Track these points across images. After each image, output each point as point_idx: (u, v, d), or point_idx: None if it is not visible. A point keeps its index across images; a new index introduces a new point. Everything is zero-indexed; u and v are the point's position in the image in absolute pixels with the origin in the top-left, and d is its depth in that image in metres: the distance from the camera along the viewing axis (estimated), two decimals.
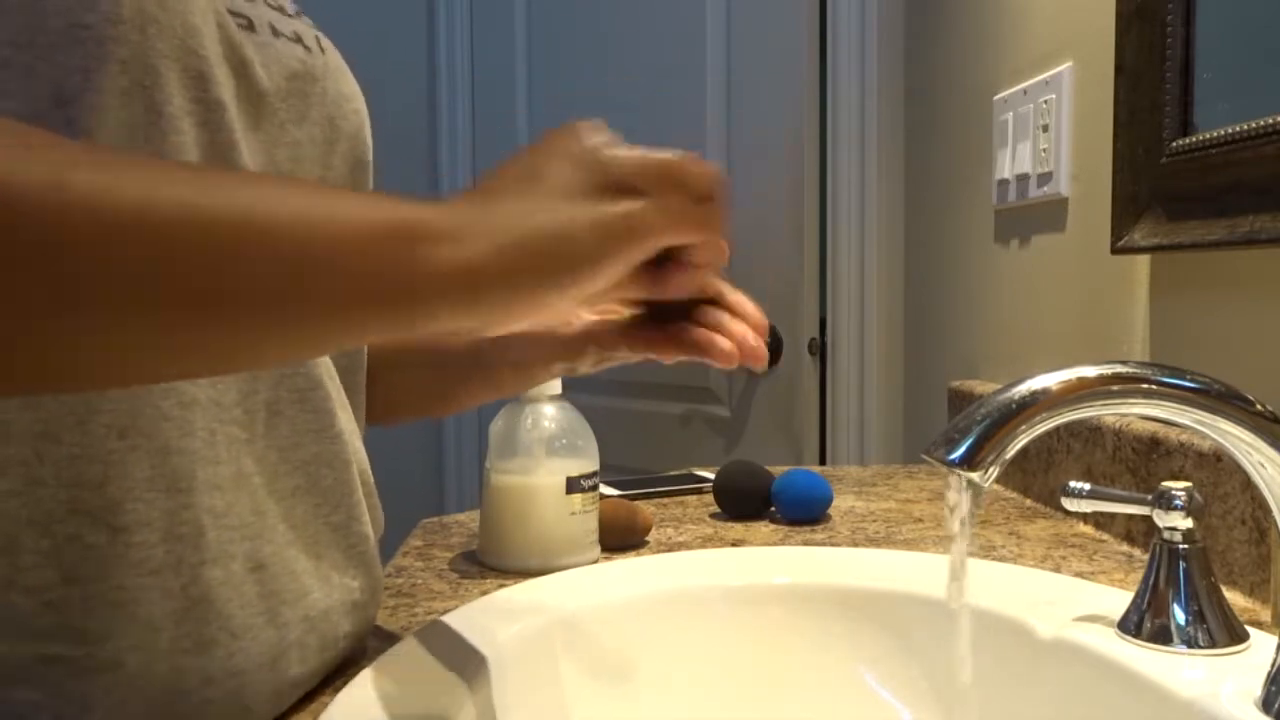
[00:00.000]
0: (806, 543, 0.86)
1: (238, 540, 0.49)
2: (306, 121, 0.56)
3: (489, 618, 0.63)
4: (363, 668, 0.56)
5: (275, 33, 0.54)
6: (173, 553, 0.46)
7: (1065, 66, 1.04)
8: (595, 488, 0.80)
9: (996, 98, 1.21)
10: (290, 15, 0.58)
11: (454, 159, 2.36)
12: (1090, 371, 0.46)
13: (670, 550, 0.84)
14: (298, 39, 0.57)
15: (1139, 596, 0.59)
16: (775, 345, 1.77)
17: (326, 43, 0.60)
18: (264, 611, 0.50)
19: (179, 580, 0.46)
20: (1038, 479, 1.01)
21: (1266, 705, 0.49)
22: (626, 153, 0.45)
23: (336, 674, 0.58)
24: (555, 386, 0.79)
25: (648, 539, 0.87)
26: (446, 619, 0.63)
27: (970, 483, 0.47)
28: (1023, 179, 1.13)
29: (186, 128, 0.47)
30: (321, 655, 0.55)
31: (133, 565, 0.45)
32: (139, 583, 0.45)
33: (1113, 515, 0.87)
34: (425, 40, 2.34)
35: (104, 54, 0.43)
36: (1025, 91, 1.13)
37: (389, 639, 0.62)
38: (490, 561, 0.80)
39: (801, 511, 0.93)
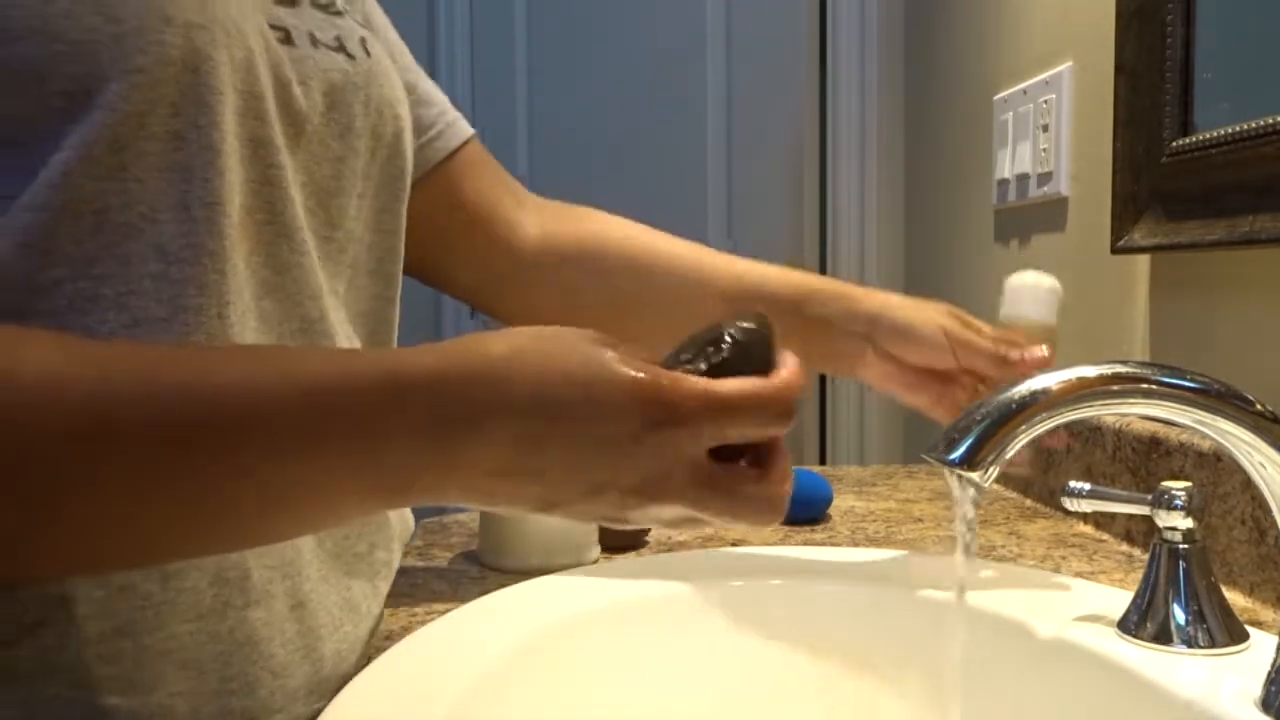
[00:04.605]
0: (806, 543, 0.86)
1: (279, 579, 0.49)
2: (350, 133, 0.54)
3: (489, 618, 0.63)
4: (362, 668, 0.56)
5: (315, 42, 0.52)
6: (220, 596, 0.46)
7: (1065, 66, 1.04)
8: None
9: (996, 98, 1.21)
10: (336, 12, 0.56)
11: None
12: (1090, 371, 0.46)
13: (670, 550, 0.84)
14: (339, 46, 0.54)
15: (1139, 596, 0.59)
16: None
17: (374, 43, 0.58)
18: (302, 648, 0.50)
19: (225, 624, 0.46)
20: (1038, 479, 1.01)
21: (1266, 705, 0.49)
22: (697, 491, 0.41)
23: None
24: None
25: (648, 539, 0.87)
26: (446, 619, 0.63)
27: (970, 483, 0.47)
28: (1023, 179, 1.13)
29: (235, 164, 0.46)
30: (343, 681, 0.56)
31: (181, 613, 0.44)
32: (187, 629, 0.45)
33: (1113, 515, 0.87)
34: (425, 40, 2.34)
35: (156, 97, 0.42)
36: (1025, 91, 1.13)
37: (389, 639, 0.62)
38: (490, 561, 0.80)
39: (801, 511, 0.93)
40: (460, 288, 0.76)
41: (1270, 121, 0.70)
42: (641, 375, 0.40)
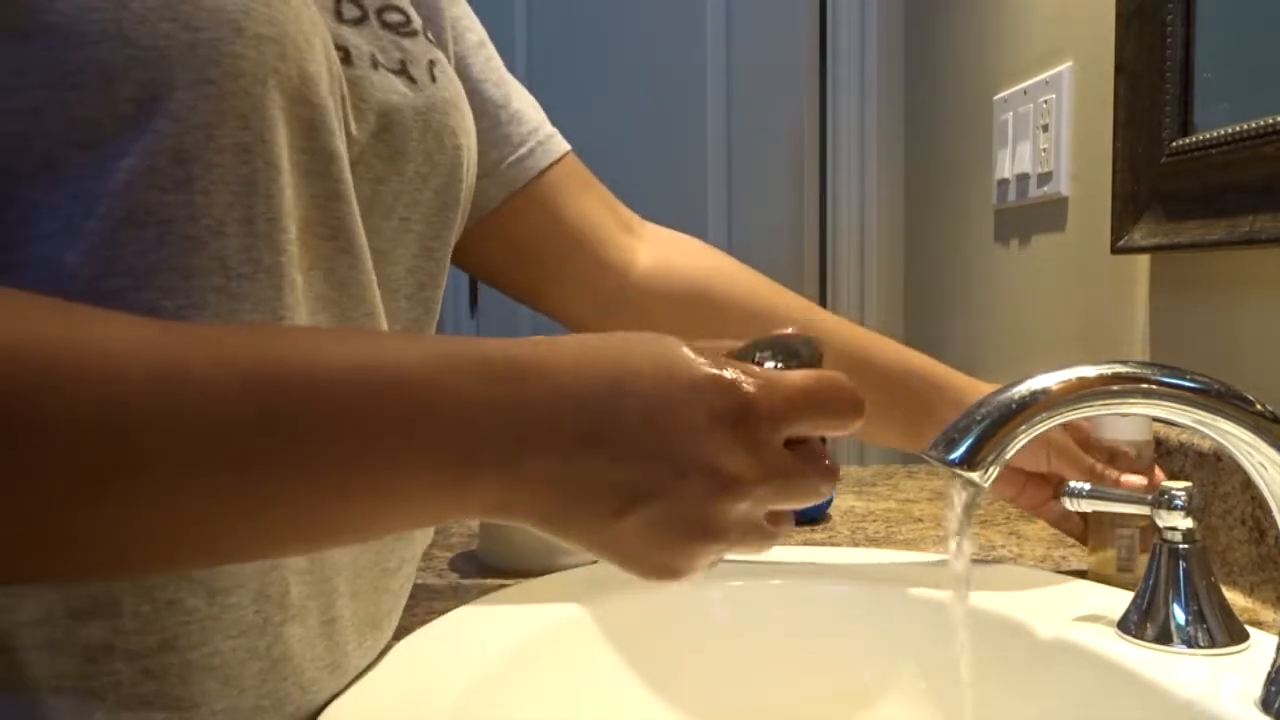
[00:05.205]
0: (807, 543, 0.86)
1: (316, 596, 0.49)
2: (400, 158, 0.53)
3: (489, 618, 0.63)
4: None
5: (375, 64, 0.52)
6: (261, 613, 0.46)
7: (1065, 66, 1.04)
8: None
9: (996, 98, 1.21)
10: (408, 33, 0.55)
11: None
12: (1090, 371, 0.46)
13: None
14: (401, 69, 0.53)
15: (1139, 596, 0.59)
16: None
17: (444, 69, 0.57)
18: (329, 664, 0.50)
19: (264, 640, 0.46)
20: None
21: (1266, 705, 0.49)
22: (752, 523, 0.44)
23: None
24: None
25: None
26: (446, 619, 0.63)
27: (970, 483, 0.47)
28: (1023, 179, 1.13)
29: (298, 179, 0.45)
30: None
31: (225, 628, 0.44)
32: (230, 645, 0.44)
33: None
34: None
35: (226, 109, 0.42)
36: (1025, 91, 1.13)
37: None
38: (490, 561, 0.80)
39: (801, 511, 0.93)
40: (566, 314, 0.74)
41: (1270, 121, 0.70)
42: (713, 367, 0.40)
